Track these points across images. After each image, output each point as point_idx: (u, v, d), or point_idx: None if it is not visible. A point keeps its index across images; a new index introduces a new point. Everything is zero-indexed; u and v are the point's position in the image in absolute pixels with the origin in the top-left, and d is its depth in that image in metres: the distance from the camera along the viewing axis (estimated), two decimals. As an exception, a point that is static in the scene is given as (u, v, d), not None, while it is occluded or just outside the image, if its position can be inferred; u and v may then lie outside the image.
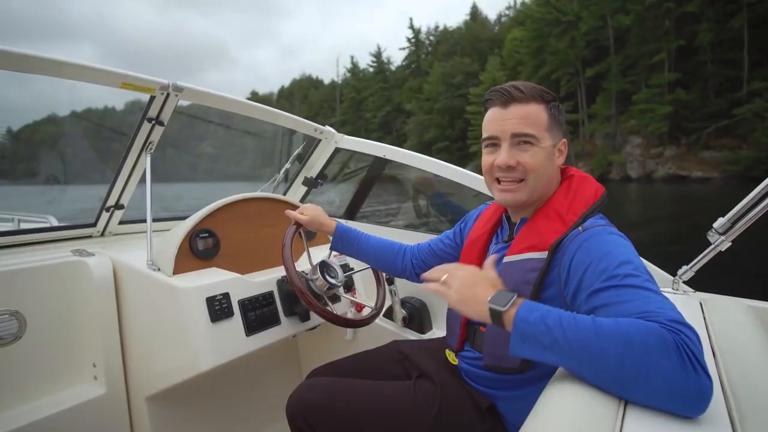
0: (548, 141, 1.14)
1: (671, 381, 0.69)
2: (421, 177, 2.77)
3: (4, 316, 1.56)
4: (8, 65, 1.41)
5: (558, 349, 0.78)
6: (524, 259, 1.11)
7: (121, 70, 1.63)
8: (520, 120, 1.12)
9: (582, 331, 0.76)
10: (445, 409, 1.21)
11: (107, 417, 1.71)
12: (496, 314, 0.89)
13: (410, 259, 1.62)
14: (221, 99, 1.99)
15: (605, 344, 0.73)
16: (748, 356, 0.97)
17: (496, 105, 1.16)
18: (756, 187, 1.29)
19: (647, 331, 0.72)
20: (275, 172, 2.61)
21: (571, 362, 0.78)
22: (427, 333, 2.08)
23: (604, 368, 0.74)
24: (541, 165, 1.13)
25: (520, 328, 0.83)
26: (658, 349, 0.70)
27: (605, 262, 0.92)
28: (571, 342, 0.77)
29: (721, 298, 1.44)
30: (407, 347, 1.53)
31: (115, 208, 2.03)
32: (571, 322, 0.79)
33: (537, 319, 0.82)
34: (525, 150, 1.12)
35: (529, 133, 1.11)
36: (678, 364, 0.69)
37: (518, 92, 1.12)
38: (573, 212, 1.10)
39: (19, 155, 9.33)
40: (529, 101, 1.13)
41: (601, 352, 0.73)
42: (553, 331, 0.79)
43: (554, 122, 1.15)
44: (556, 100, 1.18)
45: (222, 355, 1.55)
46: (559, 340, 0.78)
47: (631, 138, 38.68)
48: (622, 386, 0.73)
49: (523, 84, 1.15)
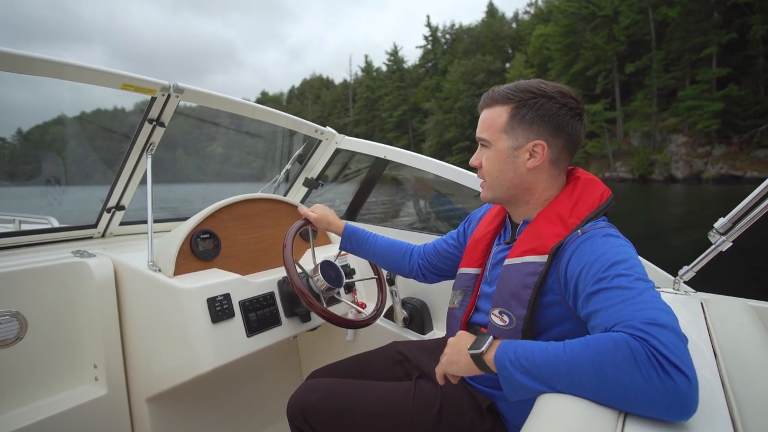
0: (504, 143, 1.14)
1: (648, 394, 0.69)
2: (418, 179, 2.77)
3: (5, 317, 1.56)
4: (9, 67, 1.40)
5: (539, 386, 0.80)
6: (524, 263, 1.10)
7: (122, 72, 1.62)
8: (480, 124, 1.20)
9: (553, 365, 0.79)
10: (446, 409, 1.21)
11: (108, 418, 1.71)
12: (478, 358, 0.93)
13: (417, 260, 1.62)
14: (222, 100, 1.98)
15: (580, 372, 0.75)
16: (749, 356, 0.97)
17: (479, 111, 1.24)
18: (757, 188, 1.28)
19: (615, 348, 0.73)
20: (276, 173, 2.61)
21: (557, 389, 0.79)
22: (427, 333, 2.08)
23: (584, 392, 0.75)
24: (494, 167, 1.17)
25: (502, 374, 0.86)
26: (628, 365, 0.71)
27: (598, 264, 0.92)
28: (548, 378, 0.79)
29: (722, 298, 1.43)
30: (407, 348, 1.53)
31: (116, 209, 2.03)
32: (542, 356, 0.82)
33: (510, 362, 0.85)
34: (483, 153, 1.20)
35: (481, 136, 1.19)
36: (650, 374, 0.69)
37: (487, 98, 1.19)
38: (576, 215, 1.08)
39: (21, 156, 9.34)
40: (493, 105, 1.17)
41: (577, 378, 0.76)
42: (529, 371, 0.82)
43: (518, 123, 1.12)
44: (537, 97, 1.11)
45: (223, 355, 1.54)
46: (538, 377, 0.80)
47: (673, 137, 36.28)
48: (607, 402, 0.74)
49: (503, 87, 1.17)
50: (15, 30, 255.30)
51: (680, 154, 35.44)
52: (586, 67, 42.31)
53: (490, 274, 1.26)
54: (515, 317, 1.07)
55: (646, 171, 36.93)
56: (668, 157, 35.96)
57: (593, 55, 41.44)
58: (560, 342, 0.82)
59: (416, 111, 66.22)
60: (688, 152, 35.02)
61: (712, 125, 32.56)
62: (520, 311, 1.06)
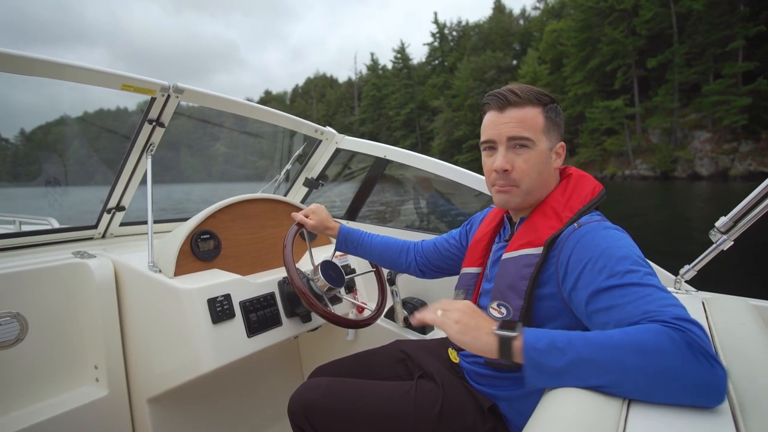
0: (544, 144, 1.13)
1: (690, 379, 0.70)
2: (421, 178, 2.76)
3: (6, 319, 1.55)
4: (9, 68, 1.40)
5: (575, 372, 0.76)
6: (520, 255, 1.12)
7: (122, 72, 1.62)
8: (516, 123, 1.12)
9: (595, 348, 0.76)
10: (447, 409, 1.20)
11: (109, 419, 1.70)
12: (506, 342, 0.84)
13: (414, 256, 1.63)
14: (222, 100, 1.98)
15: (621, 356, 0.73)
16: (751, 355, 0.96)
17: (493, 109, 1.16)
18: (759, 186, 1.28)
19: (656, 335, 0.73)
20: (276, 173, 2.60)
21: (591, 381, 0.76)
22: (428, 333, 2.07)
23: (625, 380, 0.73)
24: (535, 168, 1.13)
25: (532, 357, 0.80)
26: (671, 351, 0.71)
27: (604, 259, 0.92)
28: (587, 361, 0.75)
29: (724, 297, 1.43)
30: (409, 347, 1.53)
31: (116, 209, 2.03)
32: (581, 340, 0.78)
33: (546, 345, 0.80)
34: (519, 153, 1.13)
35: (525, 136, 1.11)
36: (692, 361, 0.70)
37: (514, 96, 1.12)
38: (569, 209, 1.11)
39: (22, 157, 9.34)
40: (525, 105, 1.12)
41: (620, 365, 0.73)
42: (566, 354, 0.77)
43: (551, 125, 1.15)
44: (554, 102, 1.16)
45: (223, 356, 1.54)
46: (575, 362, 0.76)
47: (696, 133, 35.36)
48: (644, 393, 0.73)
49: (519, 87, 1.14)
50: (18, 32, 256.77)
51: (705, 151, 34.55)
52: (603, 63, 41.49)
53: (490, 271, 1.27)
54: (512, 308, 1.09)
55: (669, 168, 36.16)
56: (692, 153, 35.05)
57: (611, 50, 40.65)
58: (591, 332, 0.81)
59: (424, 109, 65.95)
60: (714, 149, 34.06)
61: (739, 120, 31.63)
62: (517, 302, 1.09)
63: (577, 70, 43.60)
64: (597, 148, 41.74)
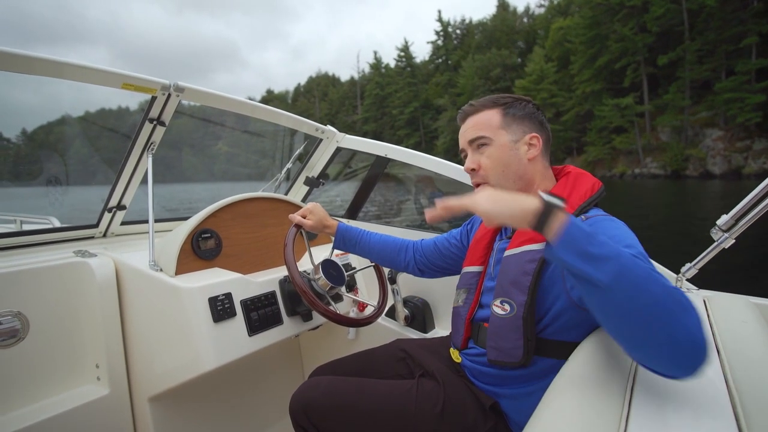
0: (503, 138, 1.22)
1: (693, 336, 0.70)
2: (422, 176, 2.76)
3: (7, 318, 1.56)
4: (9, 67, 1.41)
5: (604, 263, 0.75)
6: (523, 251, 1.14)
7: (122, 71, 1.63)
8: (472, 127, 1.25)
9: (636, 263, 0.75)
10: (449, 407, 1.21)
11: (110, 417, 1.71)
12: (550, 209, 0.82)
13: (413, 254, 1.63)
14: (222, 99, 1.98)
15: (651, 281, 0.72)
16: (753, 353, 0.97)
17: (459, 123, 1.32)
18: (760, 184, 1.28)
19: (677, 290, 0.74)
20: (277, 172, 2.61)
21: (610, 280, 0.74)
22: (429, 332, 2.08)
23: (639, 299, 0.72)
24: (499, 161, 1.21)
25: (572, 232, 0.79)
26: (687, 308, 0.71)
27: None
28: (621, 263, 0.74)
29: (725, 295, 1.43)
30: (410, 345, 1.53)
31: (117, 208, 2.04)
32: (624, 250, 0.77)
33: (589, 230, 0.79)
34: (482, 152, 1.24)
35: (480, 135, 1.23)
36: (698, 325, 0.71)
37: (470, 107, 1.28)
38: (570, 205, 1.13)
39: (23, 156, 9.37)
40: (479, 111, 1.26)
41: (645, 284, 0.72)
42: (604, 246, 0.76)
43: (511, 120, 1.23)
44: (518, 101, 1.26)
45: (224, 355, 1.54)
46: (609, 256, 0.75)
47: (707, 131, 35.16)
48: (644, 323, 0.72)
49: (479, 99, 1.29)
50: (20, 31, 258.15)
51: (717, 149, 34.21)
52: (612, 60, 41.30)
53: (493, 270, 1.28)
54: (516, 304, 1.11)
55: (680, 167, 35.81)
56: (704, 152, 34.67)
57: (620, 47, 40.45)
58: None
59: (427, 107, 65.89)
60: (726, 147, 33.73)
61: (753, 118, 31.43)
62: (520, 298, 1.10)
63: (584, 67, 43.43)
64: (605, 147, 41.60)
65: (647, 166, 38.42)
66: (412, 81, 69.02)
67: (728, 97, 32.74)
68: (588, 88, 43.16)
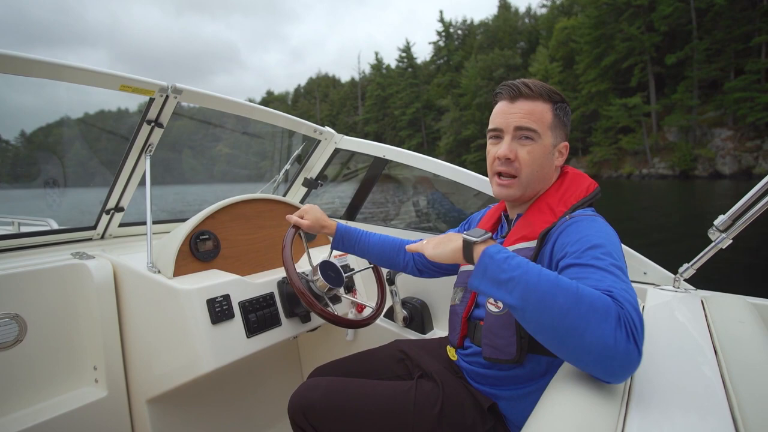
0: (549, 139, 1.18)
1: (604, 342, 0.74)
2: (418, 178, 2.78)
3: (5, 320, 1.57)
4: (6, 69, 1.41)
5: (512, 287, 0.84)
6: (516, 249, 1.16)
7: (120, 73, 1.63)
8: (525, 114, 1.17)
9: (541, 278, 0.82)
10: (447, 408, 1.22)
11: (108, 420, 1.72)
12: (468, 246, 0.98)
13: (412, 255, 1.64)
14: (220, 100, 1.99)
15: (558, 293, 0.79)
16: (750, 353, 0.98)
17: (504, 99, 1.21)
18: (757, 184, 1.29)
19: (598, 297, 0.78)
20: (275, 173, 2.62)
21: (520, 301, 0.83)
22: (428, 333, 2.09)
23: (548, 313, 0.79)
24: (537, 161, 1.18)
25: (484, 262, 0.90)
26: (602, 313, 0.76)
27: (579, 243, 0.98)
28: (526, 283, 0.82)
29: (722, 295, 1.44)
30: (409, 346, 1.54)
31: (115, 210, 2.04)
32: (534, 268, 0.85)
33: (502, 258, 0.89)
34: (524, 145, 1.18)
35: (532, 127, 1.16)
36: (615, 329, 0.74)
37: (527, 89, 1.18)
38: (563, 204, 1.16)
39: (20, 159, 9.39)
40: (536, 98, 1.18)
41: (552, 298, 0.79)
42: (513, 270, 0.85)
43: (558, 123, 1.20)
44: (564, 101, 1.22)
45: (223, 356, 1.55)
46: (515, 279, 0.84)
47: (716, 131, 34.58)
48: (557, 335, 0.78)
49: (533, 82, 1.19)
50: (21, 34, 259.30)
51: (727, 149, 33.84)
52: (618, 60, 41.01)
53: None
54: None
55: (689, 167, 35.43)
56: (713, 152, 34.35)
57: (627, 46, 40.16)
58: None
59: (429, 108, 65.73)
60: (736, 146, 33.36)
61: (763, 117, 31.14)
62: None
63: (590, 67, 43.22)
64: (612, 147, 41.41)
65: (655, 166, 38.15)
66: (414, 82, 68.93)
67: (738, 96, 32.37)
68: (594, 88, 42.91)
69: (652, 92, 40.07)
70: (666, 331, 0.79)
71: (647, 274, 1.61)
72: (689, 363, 0.94)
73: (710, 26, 35.14)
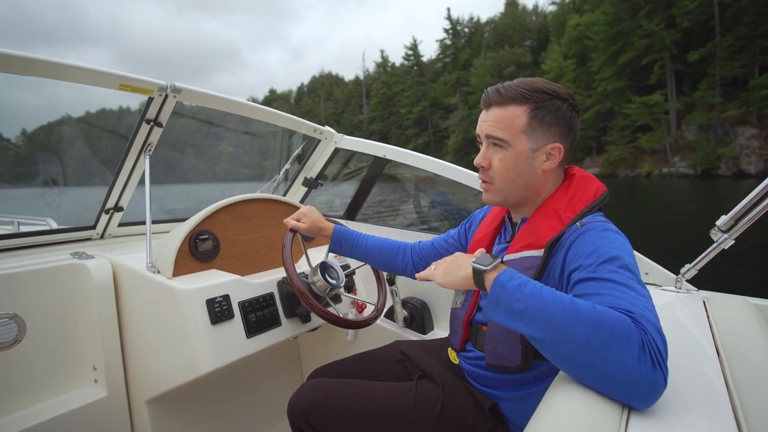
0: (522, 145, 1.14)
1: (626, 370, 0.72)
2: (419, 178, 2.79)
3: (4, 320, 1.58)
4: (5, 68, 1.43)
5: (527, 319, 0.83)
6: (522, 257, 1.14)
7: (119, 72, 1.65)
8: (494, 122, 1.15)
9: (557, 306, 0.81)
10: (448, 409, 1.23)
11: (108, 420, 1.74)
12: (479, 274, 0.96)
13: (411, 257, 1.64)
14: (220, 100, 2.01)
15: (576, 322, 0.78)
16: (752, 354, 0.99)
17: (482, 106, 1.21)
18: (760, 185, 1.30)
19: (618, 320, 0.76)
20: (275, 173, 2.65)
21: (537, 332, 0.82)
22: (428, 333, 2.10)
23: (567, 343, 0.78)
24: (510, 169, 1.16)
25: (497, 292, 0.89)
26: (623, 339, 0.74)
27: (594, 256, 0.95)
28: (542, 312, 0.82)
29: (725, 296, 1.45)
30: (409, 347, 1.55)
31: (114, 210, 2.06)
32: (548, 295, 0.84)
33: (515, 286, 0.87)
34: (496, 153, 1.17)
35: (497, 136, 1.14)
36: (638, 356, 0.72)
37: (497, 95, 1.15)
38: (571, 210, 1.13)
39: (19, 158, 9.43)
40: (507, 104, 1.14)
41: (570, 328, 0.78)
42: (527, 300, 0.84)
43: (537, 125, 1.13)
44: (553, 98, 1.14)
45: (222, 357, 1.57)
46: (530, 309, 0.83)
47: (739, 129, 34.15)
48: (578, 365, 0.77)
49: (507, 85, 1.16)
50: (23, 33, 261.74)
51: (752, 147, 33.44)
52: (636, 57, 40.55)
53: None
54: None
55: (712, 166, 34.91)
56: (737, 150, 33.94)
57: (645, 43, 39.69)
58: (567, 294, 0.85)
59: (436, 107, 65.47)
60: (762, 145, 33.00)
61: None
62: None
63: (606, 64, 42.85)
64: (628, 146, 41.06)
65: (675, 165, 37.70)
66: (420, 80, 68.78)
67: (765, 93, 31.83)
68: (610, 86, 42.56)
69: (673, 90, 39.58)
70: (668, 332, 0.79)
71: (649, 274, 1.62)
72: (692, 364, 0.94)
73: (732, 22, 34.69)
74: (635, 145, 40.48)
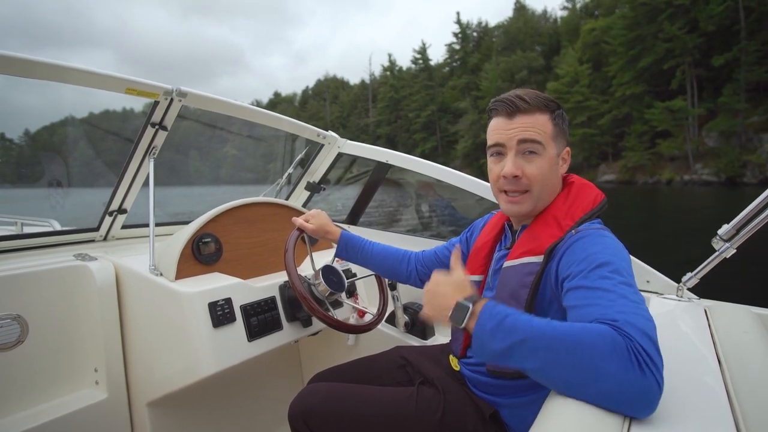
0: (553, 150, 1.18)
1: (617, 383, 0.73)
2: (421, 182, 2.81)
3: (7, 321, 1.61)
4: (13, 71, 1.47)
5: (512, 354, 0.85)
6: (522, 264, 1.17)
7: (125, 76, 1.68)
8: (527, 128, 1.16)
9: (536, 338, 0.82)
10: (448, 415, 1.25)
11: (109, 422, 1.76)
12: (459, 320, 0.97)
13: (415, 266, 1.67)
14: (225, 104, 2.05)
15: (558, 347, 0.79)
16: (754, 363, 1.00)
17: (500, 115, 1.20)
18: (761, 195, 1.31)
19: (598, 334, 0.78)
20: (278, 177, 2.68)
21: (526, 364, 0.84)
22: (429, 339, 2.12)
23: (556, 372, 0.80)
24: (545, 175, 1.17)
25: (479, 336, 0.91)
26: (606, 352, 0.75)
27: (585, 262, 0.98)
28: (525, 346, 0.83)
29: (726, 305, 1.46)
30: (410, 353, 1.57)
31: (118, 212, 2.09)
32: (527, 325, 0.85)
33: (493, 327, 0.88)
34: (530, 160, 1.16)
35: (537, 140, 1.15)
36: (625, 366, 0.73)
37: (523, 103, 1.16)
38: (570, 217, 1.15)
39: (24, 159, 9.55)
40: (534, 111, 1.16)
41: (554, 355, 0.79)
42: (508, 338, 0.85)
43: (558, 131, 1.19)
44: (560, 108, 1.21)
45: (224, 360, 1.59)
46: (514, 346, 0.84)
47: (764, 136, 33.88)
48: (572, 387, 0.78)
49: (527, 93, 1.18)
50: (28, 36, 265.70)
51: None
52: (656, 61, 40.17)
53: (492, 280, 1.32)
54: None
55: (737, 173, 34.51)
56: (763, 157, 33.69)
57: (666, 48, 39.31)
58: (545, 318, 0.87)
59: (444, 111, 65.36)
60: None
61: None
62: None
63: (623, 69, 42.50)
64: (647, 152, 40.65)
65: (698, 172, 37.25)
66: (429, 84, 68.71)
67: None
68: (628, 91, 42.18)
69: (695, 95, 39.07)
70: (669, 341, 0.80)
71: (650, 282, 1.63)
72: (693, 373, 0.95)
73: (755, 27, 34.34)
74: (654, 152, 40.02)
